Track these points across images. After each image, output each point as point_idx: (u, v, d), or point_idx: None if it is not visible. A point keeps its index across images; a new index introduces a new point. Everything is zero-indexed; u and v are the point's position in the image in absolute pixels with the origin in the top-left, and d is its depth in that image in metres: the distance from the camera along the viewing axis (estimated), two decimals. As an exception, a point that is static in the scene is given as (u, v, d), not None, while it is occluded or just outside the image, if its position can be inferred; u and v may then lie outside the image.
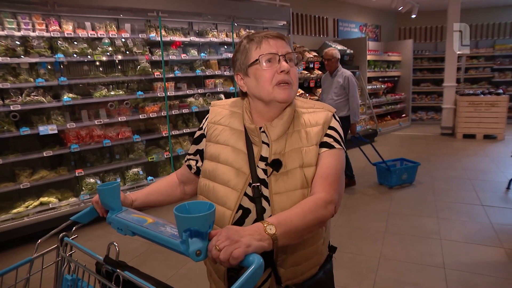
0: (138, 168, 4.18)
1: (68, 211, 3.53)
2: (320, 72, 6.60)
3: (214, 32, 4.74)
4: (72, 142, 3.63)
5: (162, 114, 4.29)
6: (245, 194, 1.02)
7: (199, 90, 4.66)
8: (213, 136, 1.12)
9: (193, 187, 1.24)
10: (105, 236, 3.39)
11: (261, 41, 1.03)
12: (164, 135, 4.37)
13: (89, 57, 3.72)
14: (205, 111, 4.63)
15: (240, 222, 1.02)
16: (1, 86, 3.19)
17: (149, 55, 4.13)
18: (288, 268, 1.02)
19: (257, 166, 1.04)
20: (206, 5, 4.52)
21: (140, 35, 4.08)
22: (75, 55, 3.63)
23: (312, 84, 6.55)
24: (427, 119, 9.77)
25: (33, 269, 1.03)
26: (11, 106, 3.24)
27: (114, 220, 0.95)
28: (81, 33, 3.62)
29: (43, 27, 3.42)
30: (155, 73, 4.16)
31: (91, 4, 3.67)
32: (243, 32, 5.09)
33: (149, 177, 4.23)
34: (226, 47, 5.02)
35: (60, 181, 3.67)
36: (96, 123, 3.81)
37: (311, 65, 6.75)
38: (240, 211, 1.02)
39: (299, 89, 6.22)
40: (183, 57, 4.44)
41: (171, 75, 4.34)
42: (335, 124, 1.08)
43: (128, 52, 4.00)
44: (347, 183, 4.51)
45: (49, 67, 3.58)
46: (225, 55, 4.90)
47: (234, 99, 1.19)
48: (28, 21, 3.35)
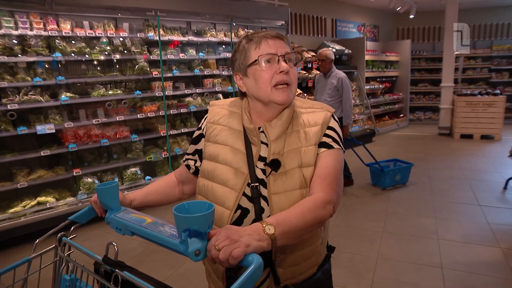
0: (136, 168, 4.17)
1: (66, 211, 3.51)
2: (318, 72, 6.59)
3: (213, 32, 4.74)
4: (70, 142, 3.62)
5: (160, 114, 4.28)
6: (244, 194, 1.02)
7: (197, 90, 4.65)
8: (212, 136, 1.12)
9: (192, 187, 1.24)
10: (103, 236, 3.38)
11: (260, 41, 1.02)
12: (162, 135, 4.36)
13: (87, 56, 3.71)
14: (203, 111, 4.63)
15: (239, 222, 1.02)
16: (-1, 85, 3.18)
17: (147, 55, 4.12)
18: (287, 268, 1.02)
19: (256, 166, 1.03)
20: (204, 5, 4.52)
21: (138, 35, 4.07)
22: (73, 54, 3.62)
23: (310, 84, 6.55)
24: (425, 119, 9.81)
25: (31, 269, 1.02)
26: (9, 105, 3.23)
27: (113, 220, 0.95)
28: (79, 32, 3.61)
29: (41, 26, 3.41)
30: (153, 73, 4.15)
31: (89, 3, 3.66)
32: (242, 32, 5.08)
33: (147, 177, 4.22)
34: (224, 47, 5.02)
35: (58, 181, 3.66)
36: (94, 123, 3.80)
37: (309, 65, 6.75)
38: (239, 211, 1.02)
39: (298, 89, 6.21)
40: (181, 57, 4.44)
41: (169, 75, 4.33)
42: (334, 124, 1.08)
43: (126, 52, 3.99)
44: (345, 183, 4.51)
45: (47, 66, 3.56)
46: (223, 55, 4.89)
47: (233, 99, 1.19)
48: (26, 20, 3.34)
